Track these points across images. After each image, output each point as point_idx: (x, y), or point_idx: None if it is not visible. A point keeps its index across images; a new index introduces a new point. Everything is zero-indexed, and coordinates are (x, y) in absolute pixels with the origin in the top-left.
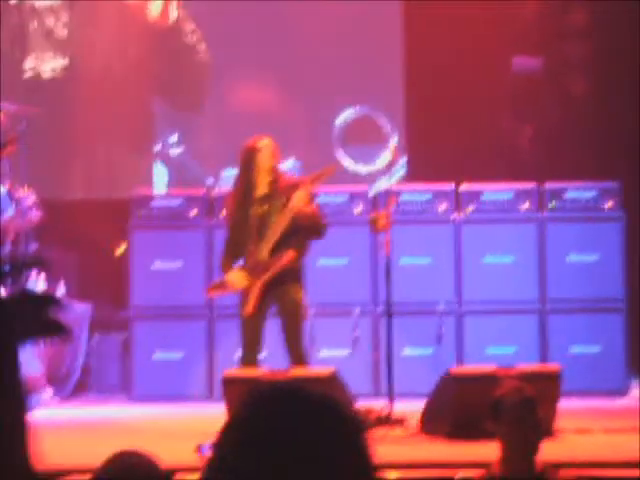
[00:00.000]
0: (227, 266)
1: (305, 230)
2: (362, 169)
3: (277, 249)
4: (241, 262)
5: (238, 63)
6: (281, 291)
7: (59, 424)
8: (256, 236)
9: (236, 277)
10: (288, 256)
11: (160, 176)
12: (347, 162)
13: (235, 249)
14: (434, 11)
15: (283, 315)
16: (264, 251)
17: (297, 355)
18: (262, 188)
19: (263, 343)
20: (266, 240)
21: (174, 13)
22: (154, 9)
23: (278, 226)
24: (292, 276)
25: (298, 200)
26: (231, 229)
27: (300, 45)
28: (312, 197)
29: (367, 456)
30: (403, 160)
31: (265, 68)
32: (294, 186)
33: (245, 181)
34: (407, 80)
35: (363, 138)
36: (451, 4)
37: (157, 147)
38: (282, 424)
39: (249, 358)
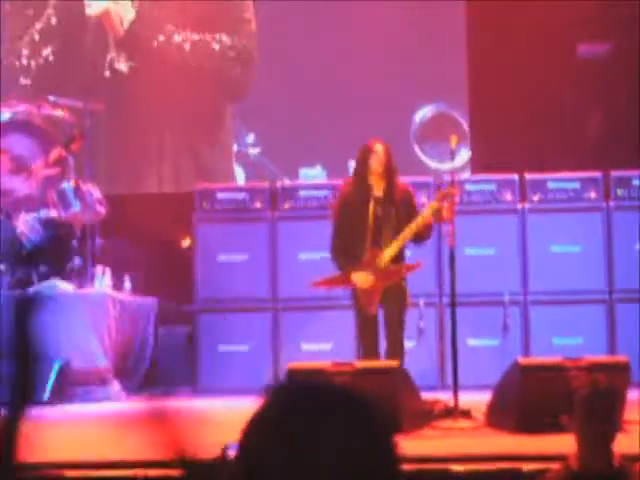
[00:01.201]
0: (343, 263)
1: (420, 241)
2: (441, 166)
3: (398, 255)
4: (357, 261)
5: (312, 65)
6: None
7: (125, 417)
8: (373, 237)
9: (361, 278)
10: (418, 265)
11: (237, 176)
12: (425, 160)
13: (345, 244)
14: (497, 7)
15: (389, 304)
16: (388, 255)
17: (399, 344)
18: (377, 190)
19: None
20: (392, 245)
21: None
22: None
23: (407, 234)
24: None
25: (429, 214)
26: (341, 224)
27: (367, 40)
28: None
29: (392, 454)
30: (467, 151)
31: (335, 71)
32: (407, 195)
33: (359, 179)
34: (471, 69)
35: (440, 135)
36: None
37: (236, 146)
38: (306, 423)
39: (371, 354)
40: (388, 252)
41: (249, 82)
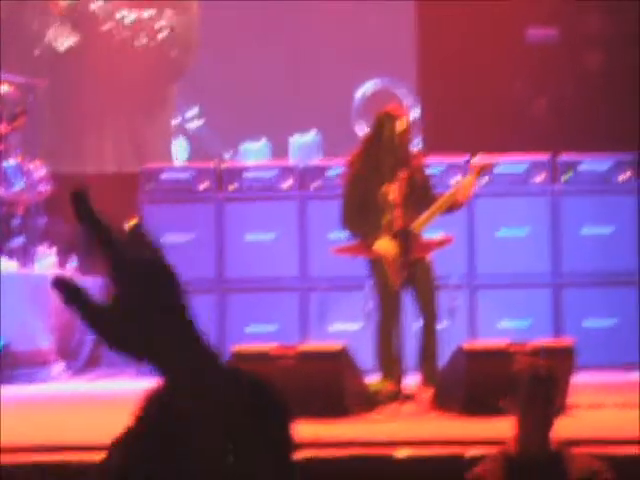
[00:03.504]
0: (361, 232)
1: (447, 213)
2: None
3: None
4: (378, 230)
5: (256, 38)
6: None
7: (69, 398)
8: (395, 207)
9: (386, 246)
10: (449, 240)
11: (181, 150)
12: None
13: (360, 211)
14: None
15: (421, 280)
16: (419, 227)
17: (434, 315)
18: (395, 158)
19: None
20: (423, 217)
21: None
22: None
23: (440, 206)
24: None
25: (465, 188)
26: (355, 189)
27: (315, 19)
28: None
29: (283, 441)
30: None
31: (282, 43)
32: (420, 161)
33: (377, 146)
34: (421, 53)
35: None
36: None
37: (176, 120)
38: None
39: (391, 326)
40: (420, 222)
41: (189, 63)
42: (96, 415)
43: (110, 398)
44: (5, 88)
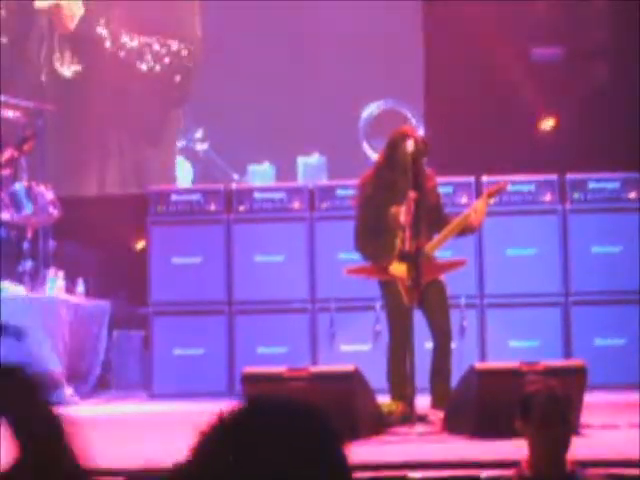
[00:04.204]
0: (375, 254)
1: (460, 236)
2: None
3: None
4: (392, 252)
5: (261, 59)
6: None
7: (79, 422)
8: (409, 228)
9: (400, 269)
10: (462, 262)
11: (186, 172)
12: (373, 156)
13: (374, 233)
14: (454, 6)
15: (433, 301)
16: (431, 249)
17: (448, 335)
18: (409, 180)
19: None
20: (438, 238)
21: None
22: None
23: (453, 229)
24: None
25: (478, 211)
26: (368, 212)
27: (321, 40)
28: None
29: (341, 466)
30: None
31: (288, 64)
32: (434, 182)
33: (390, 167)
34: (428, 74)
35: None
36: None
37: (181, 143)
38: (255, 438)
39: (402, 347)
40: (433, 244)
41: (190, 89)
42: (102, 439)
43: (118, 421)
44: (11, 113)
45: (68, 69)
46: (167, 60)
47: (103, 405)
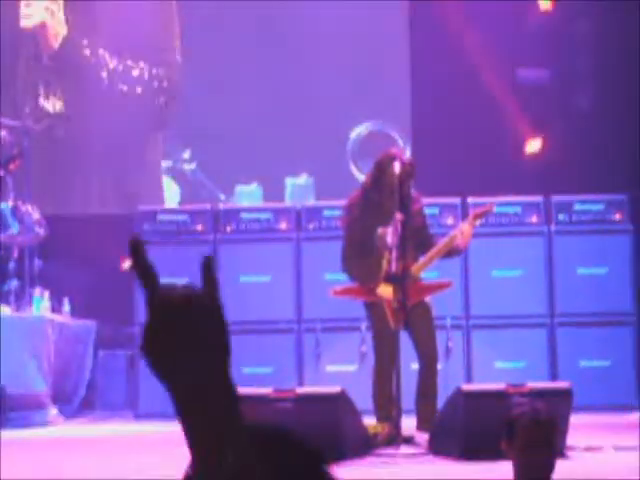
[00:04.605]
0: (361, 275)
1: (446, 258)
2: None
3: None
4: (378, 274)
5: (250, 81)
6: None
7: (64, 442)
8: (396, 250)
9: (386, 291)
10: (448, 284)
11: (173, 193)
12: (361, 177)
13: (361, 254)
14: (439, 28)
15: (419, 322)
16: (417, 270)
17: (434, 356)
18: (396, 202)
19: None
20: (424, 260)
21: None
22: None
23: (439, 251)
24: None
25: (464, 233)
26: (355, 233)
27: (308, 61)
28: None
29: None
30: None
31: (276, 86)
32: (420, 204)
33: (377, 189)
34: (414, 95)
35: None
36: (456, 20)
37: (168, 163)
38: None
39: (388, 369)
40: (419, 266)
41: (171, 112)
42: (87, 458)
43: (103, 441)
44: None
45: (53, 106)
46: (148, 83)
47: (88, 425)
